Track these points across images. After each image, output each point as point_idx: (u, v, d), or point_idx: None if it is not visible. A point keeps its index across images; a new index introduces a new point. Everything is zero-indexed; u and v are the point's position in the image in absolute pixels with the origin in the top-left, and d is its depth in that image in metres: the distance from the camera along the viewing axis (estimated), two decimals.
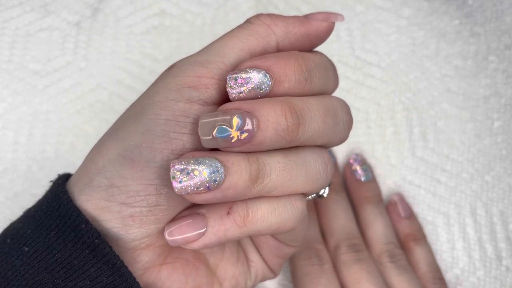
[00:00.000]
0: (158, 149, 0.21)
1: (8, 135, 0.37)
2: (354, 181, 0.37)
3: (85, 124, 0.38)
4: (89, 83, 0.39)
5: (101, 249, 0.21)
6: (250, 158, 0.21)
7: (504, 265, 0.36)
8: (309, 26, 0.23)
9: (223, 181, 0.20)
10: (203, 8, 0.42)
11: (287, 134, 0.21)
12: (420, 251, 0.35)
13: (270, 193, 0.22)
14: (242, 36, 0.22)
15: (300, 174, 0.22)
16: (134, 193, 0.21)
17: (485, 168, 0.38)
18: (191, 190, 0.20)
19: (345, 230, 0.34)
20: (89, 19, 0.41)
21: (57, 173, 0.36)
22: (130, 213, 0.22)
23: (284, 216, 0.23)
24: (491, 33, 0.41)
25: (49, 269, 0.21)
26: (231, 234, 0.22)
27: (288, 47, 0.23)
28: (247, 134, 0.20)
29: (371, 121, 0.40)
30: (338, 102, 0.24)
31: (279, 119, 0.20)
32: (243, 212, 0.22)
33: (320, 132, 0.22)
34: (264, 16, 0.23)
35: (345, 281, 0.32)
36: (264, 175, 0.21)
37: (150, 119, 0.21)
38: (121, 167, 0.21)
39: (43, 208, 0.22)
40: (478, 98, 0.39)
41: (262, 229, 0.22)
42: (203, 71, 0.22)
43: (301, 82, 0.22)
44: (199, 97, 0.21)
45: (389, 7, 0.42)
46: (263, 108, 0.21)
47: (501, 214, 0.37)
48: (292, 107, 0.21)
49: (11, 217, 0.35)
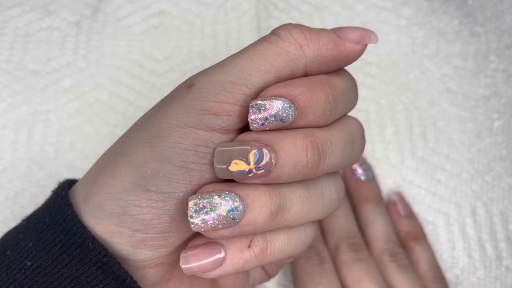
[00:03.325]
0: (175, 180, 0.20)
1: (8, 135, 0.37)
2: (354, 181, 0.37)
3: (85, 124, 0.38)
4: (89, 83, 0.39)
5: (110, 266, 0.21)
6: (271, 192, 0.20)
7: (504, 265, 0.36)
8: (343, 50, 0.21)
9: (242, 218, 0.19)
10: (203, 8, 0.42)
11: (306, 170, 0.20)
12: (421, 250, 0.35)
13: (289, 225, 0.21)
14: (269, 56, 0.20)
15: (318, 206, 0.22)
16: (147, 221, 0.21)
17: (485, 168, 0.38)
18: (208, 228, 0.20)
19: (345, 230, 0.34)
20: (89, 19, 0.41)
21: (57, 173, 0.37)
22: (142, 238, 0.21)
23: (298, 244, 0.22)
24: (491, 33, 0.41)
25: (54, 284, 0.21)
26: (249, 265, 0.21)
27: (316, 70, 0.22)
28: (263, 170, 0.19)
29: (371, 121, 0.40)
30: (355, 126, 0.23)
31: (299, 156, 0.20)
32: (263, 245, 0.21)
33: (338, 163, 0.22)
34: (296, 31, 0.21)
35: (346, 280, 0.32)
36: (285, 210, 0.20)
37: (169, 148, 0.20)
38: (136, 196, 0.20)
39: (46, 220, 0.22)
40: (478, 98, 0.39)
41: (277, 259, 0.22)
42: (225, 96, 0.20)
43: (326, 114, 0.21)
44: (220, 125, 0.20)
45: (389, 7, 0.42)
46: (284, 142, 0.20)
47: (501, 214, 0.37)
48: (315, 142, 0.20)
49: (11, 217, 0.35)
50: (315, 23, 0.42)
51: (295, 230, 0.22)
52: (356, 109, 0.39)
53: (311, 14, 0.42)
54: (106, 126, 0.38)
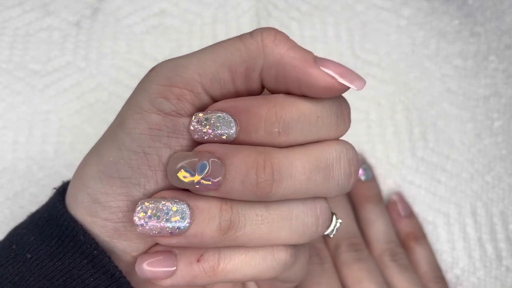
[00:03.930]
0: (135, 165, 0.20)
1: (8, 135, 0.37)
2: None
3: (85, 124, 0.38)
4: (89, 83, 0.39)
5: (100, 260, 0.21)
6: (223, 206, 0.20)
7: (504, 265, 0.36)
8: (309, 72, 0.19)
9: (188, 229, 0.19)
10: (203, 8, 0.42)
11: (257, 190, 0.19)
12: (421, 250, 0.35)
13: (246, 244, 0.21)
14: (229, 49, 0.20)
15: (282, 229, 0.21)
16: (115, 209, 0.21)
17: (485, 168, 0.38)
18: (153, 234, 0.20)
19: (345, 230, 0.34)
20: (89, 19, 0.41)
21: (57, 173, 0.37)
22: (114, 227, 0.21)
23: (262, 267, 0.21)
24: (491, 33, 0.41)
25: (48, 276, 0.21)
26: (200, 281, 0.21)
27: (271, 80, 0.20)
28: (210, 183, 0.19)
29: (371, 121, 0.40)
30: (336, 152, 0.21)
31: (248, 173, 0.19)
32: (213, 261, 0.21)
33: (304, 190, 0.20)
34: (268, 33, 0.20)
35: (346, 280, 0.32)
36: (237, 227, 0.20)
37: (126, 134, 0.20)
38: (101, 184, 0.21)
39: (45, 216, 0.22)
40: (478, 98, 0.39)
41: (234, 279, 0.21)
42: (176, 79, 0.20)
43: (273, 134, 0.20)
44: (170, 108, 0.20)
45: (389, 7, 0.42)
46: (236, 156, 0.19)
47: (501, 214, 0.37)
48: (268, 161, 0.19)
49: (11, 217, 0.35)
50: (315, 23, 0.42)
51: (257, 251, 0.21)
52: (356, 109, 0.40)
53: (311, 14, 0.42)
54: (106, 126, 0.37)
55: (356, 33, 0.41)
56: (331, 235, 0.24)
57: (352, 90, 0.20)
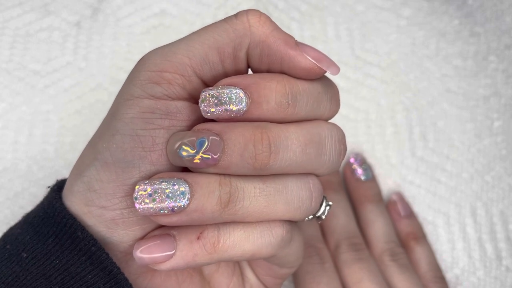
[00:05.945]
0: (128, 148, 0.20)
1: (8, 135, 0.37)
2: (354, 181, 0.37)
3: (85, 124, 0.38)
4: (89, 83, 0.39)
5: (98, 256, 0.21)
6: (222, 180, 0.20)
7: (504, 265, 0.36)
8: (291, 53, 0.21)
9: (188, 204, 0.19)
10: (203, 8, 0.42)
11: (255, 162, 0.20)
12: (421, 250, 0.35)
13: (245, 219, 0.21)
14: (216, 32, 0.21)
15: (279, 201, 0.21)
16: (111, 195, 0.21)
17: (485, 168, 0.38)
18: (154, 212, 0.20)
19: (345, 229, 0.34)
20: (89, 19, 0.41)
21: (57, 173, 0.37)
22: (111, 216, 0.21)
23: (260, 243, 0.22)
24: (491, 33, 0.41)
25: (46, 275, 0.21)
26: (200, 259, 0.21)
27: (256, 58, 0.21)
28: (210, 157, 0.19)
29: (371, 121, 0.40)
30: (328, 130, 0.22)
31: (246, 145, 0.20)
32: (213, 238, 0.21)
33: (299, 163, 0.21)
34: (253, 14, 0.21)
35: (346, 280, 0.32)
36: (236, 200, 0.20)
37: (118, 120, 0.21)
38: (96, 170, 0.21)
39: (40, 214, 0.22)
40: (478, 98, 0.39)
41: (234, 256, 0.21)
42: (165, 65, 0.21)
43: (283, 105, 0.20)
44: (162, 92, 0.21)
45: (389, 7, 0.42)
46: (233, 131, 0.20)
47: (501, 214, 0.37)
48: (265, 134, 0.20)
49: (11, 217, 0.35)
50: (315, 23, 0.42)
51: (255, 227, 0.22)
52: (356, 109, 0.40)
53: (311, 14, 0.42)
54: None
55: (356, 33, 0.41)
56: (323, 216, 0.24)
57: (352, 90, 0.20)
